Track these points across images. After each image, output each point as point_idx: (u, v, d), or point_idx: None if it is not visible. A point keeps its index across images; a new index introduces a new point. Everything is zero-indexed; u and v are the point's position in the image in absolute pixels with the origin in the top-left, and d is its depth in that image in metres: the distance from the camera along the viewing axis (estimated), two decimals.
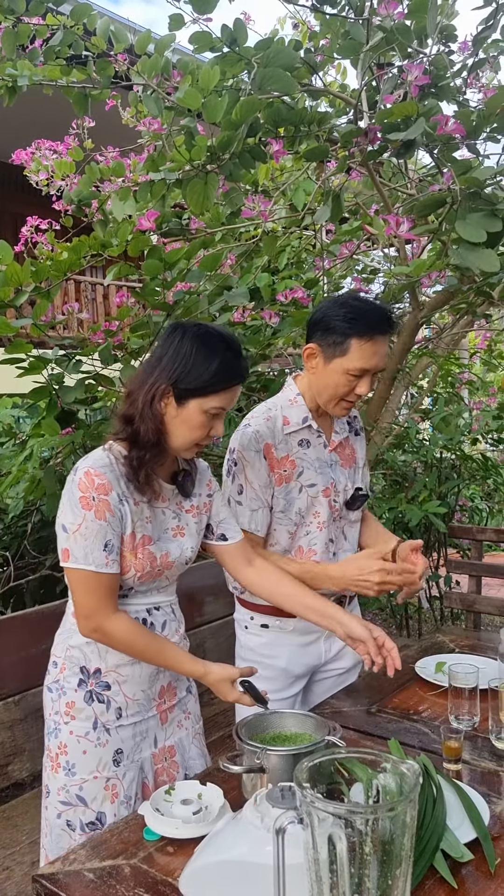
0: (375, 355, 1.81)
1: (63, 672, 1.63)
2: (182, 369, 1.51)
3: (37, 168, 3.52)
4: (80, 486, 1.50)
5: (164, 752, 1.70)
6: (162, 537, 1.64)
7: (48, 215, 3.50)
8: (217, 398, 1.53)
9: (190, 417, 1.53)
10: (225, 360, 1.52)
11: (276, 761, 1.36)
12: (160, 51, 2.74)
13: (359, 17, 2.58)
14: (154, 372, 1.54)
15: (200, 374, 1.50)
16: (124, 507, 1.54)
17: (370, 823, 0.93)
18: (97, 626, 1.53)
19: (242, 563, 1.81)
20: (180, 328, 1.56)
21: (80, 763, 1.59)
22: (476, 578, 3.12)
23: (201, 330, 1.54)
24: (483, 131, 2.44)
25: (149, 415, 1.52)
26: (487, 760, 1.61)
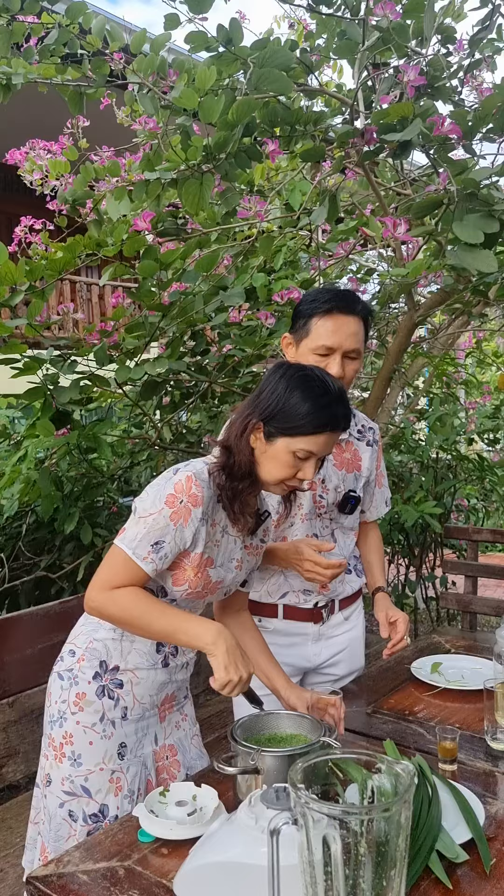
0: (337, 332, 1.84)
1: (81, 662, 1.63)
2: (274, 407, 1.51)
3: (31, 168, 3.51)
4: (176, 485, 1.51)
5: (165, 751, 1.71)
6: (225, 564, 1.64)
7: (42, 215, 3.49)
8: (305, 441, 1.51)
9: (277, 455, 1.53)
10: (318, 404, 1.50)
11: (270, 762, 1.36)
12: (156, 50, 2.73)
13: (355, 17, 2.58)
14: (251, 406, 1.56)
15: (290, 415, 1.50)
16: (203, 526, 1.54)
17: (365, 824, 0.93)
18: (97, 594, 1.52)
19: (234, 608, 1.83)
20: (284, 366, 1.57)
21: (86, 754, 1.59)
22: (472, 579, 3.12)
23: (302, 371, 1.54)
24: (479, 132, 2.44)
25: (242, 447, 1.54)
26: (483, 761, 1.60)
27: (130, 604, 1.51)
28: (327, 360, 1.86)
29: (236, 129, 2.33)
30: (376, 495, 2.16)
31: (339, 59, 3.30)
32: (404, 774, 0.98)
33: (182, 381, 3.79)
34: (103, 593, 1.52)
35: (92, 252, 3.11)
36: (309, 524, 1.98)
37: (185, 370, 3.46)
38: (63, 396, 3.05)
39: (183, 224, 3.32)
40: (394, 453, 4.34)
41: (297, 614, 2.02)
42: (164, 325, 3.14)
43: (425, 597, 4.75)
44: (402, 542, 4.40)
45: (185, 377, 3.69)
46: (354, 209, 3.80)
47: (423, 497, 3.86)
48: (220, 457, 1.57)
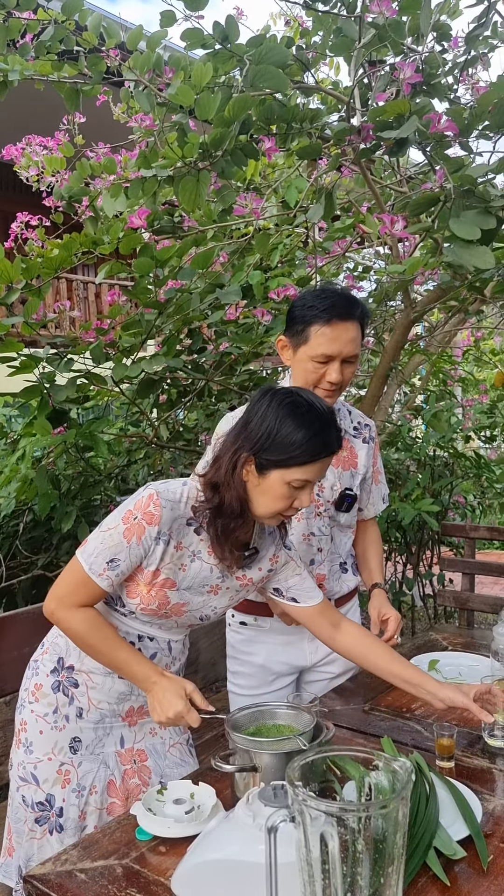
0: (336, 340, 1.81)
1: (44, 655, 1.68)
2: (265, 439, 1.44)
3: (27, 164, 3.50)
4: (137, 501, 1.50)
5: (133, 755, 1.67)
6: (192, 588, 1.58)
7: (38, 212, 3.48)
8: (300, 471, 1.45)
9: (271, 488, 1.46)
10: (312, 432, 1.44)
11: (268, 760, 1.36)
12: (152, 47, 2.73)
13: (351, 14, 2.58)
14: (238, 439, 1.48)
15: (283, 446, 1.43)
16: (158, 545, 1.50)
17: (362, 821, 0.93)
18: (56, 608, 1.53)
19: (327, 627, 1.71)
20: (270, 393, 1.49)
21: (36, 742, 1.62)
22: (469, 576, 3.12)
23: (290, 399, 1.46)
24: (475, 129, 2.44)
25: (231, 482, 1.47)
26: (480, 758, 1.61)
27: (85, 632, 1.52)
28: (326, 367, 1.85)
29: (233, 126, 2.33)
30: (373, 492, 2.16)
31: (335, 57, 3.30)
32: (402, 771, 0.98)
33: (179, 380, 3.78)
34: (62, 610, 1.52)
35: (88, 250, 3.10)
36: (306, 523, 1.98)
37: (182, 368, 3.46)
38: (60, 395, 3.04)
39: (179, 221, 3.31)
40: (391, 451, 4.35)
41: None
42: (160, 322, 3.14)
43: (423, 594, 4.75)
44: (399, 539, 4.41)
45: (182, 375, 3.69)
46: (351, 207, 3.80)
47: (421, 494, 3.86)
48: (207, 494, 1.51)
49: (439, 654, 2.16)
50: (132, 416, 4.22)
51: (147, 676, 1.51)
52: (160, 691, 1.49)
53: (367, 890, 0.95)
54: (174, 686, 1.50)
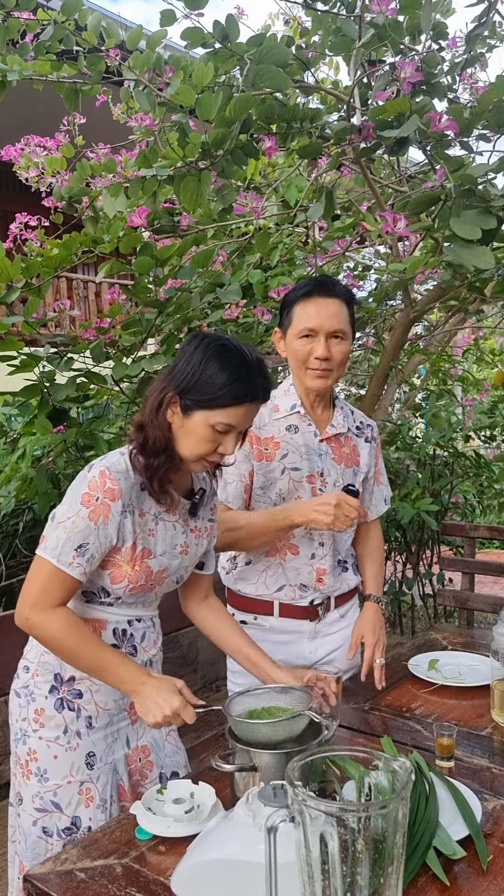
0: (318, 314, 1.87)
1: (35, 678, 1.59)
2: (190, 379, 1.46)
3: (26, 164, 3.50)
4: (90, 483, 1.47)
5: (138, 752, 1.66)
6: (168, 552, 1.60)
7: (38, 212, 3.48)
8: (223, 413, 1.46)
9: (195, 430, 1.48)
10: (236, 375, 1.45)
11: (268, 760, 1.36)
12: (152, 46, 2.73)
13: (350, 14, 2.58)
14: (165, 379, 1.51)
15: (207, 387, 1.45)
16: (126, 519, 1.50)
17: (362, 821, 0.93)
18: (31, 613, 1.46)
19: (200, 595, 1.82)
20: (199, 337, 1.51)
21: (52, 768, 1.55)
22: (469, 576, 3.12)
23: (218, 342, 1.48)
24: (475, 128, 2.44)
25: (156, 421, 1.49)
26: (480, 757, 1.61)
27: (63, 633, 1.45)
28: (312, 343, 1.89)
29: (234, 126, 2.33)
30: (375, 493, 2.16)
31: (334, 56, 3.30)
32: (401, 771, 0.98)
33: None
34: (37, 614, 1.46)
35: (88, 249, 3.10)
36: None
37: None
38: (59, 394, 3.04)
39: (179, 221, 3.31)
40: (390, 450, 4.35)
41: (292, 612, 2.02)
42: (160, 321, 3.13)
43: (422, 594, 4.75)
44: (399, 539, 4.41)
45: None
46: (351, 206, 3.79)
47: (420, 494, 3.86)
48: (136, 437, 1.52)
49: (439, 654, 2.16)
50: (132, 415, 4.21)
51: (134, 676, 1.47)
52: (152, 690, 1.45)
53: (367, 890, 0.95)
54: (165, 683, 1.47)
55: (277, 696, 1.55)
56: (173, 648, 2.86)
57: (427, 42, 2.60)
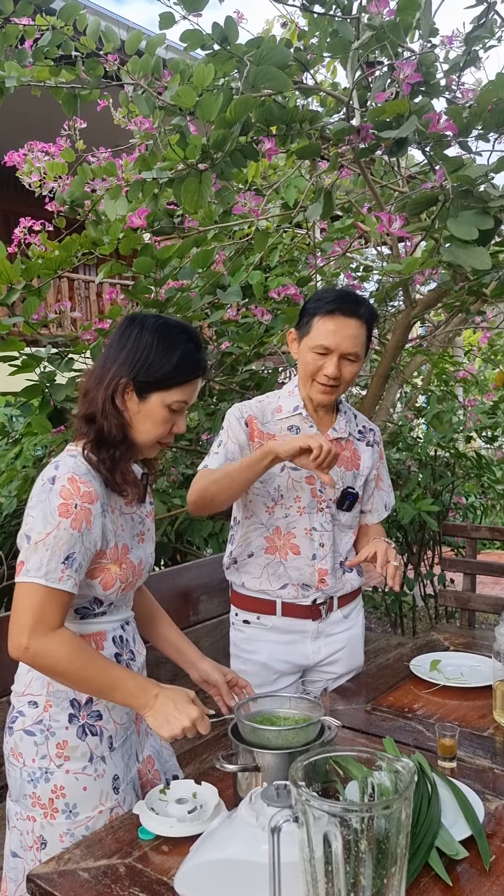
0: (336, 334, 1.86)
1: (48, 710, 1.48)
2: (143, 362, 1.45)
3: (29, 169, 3.52)
4: (62, 492, 1.40)
5: (147, 764, 1.63)
6: (131, 544, 1.56)
7: (41, 215, 3.49)
8: (179, 391, 1.48)
9: (152, 412, 1.47)
10: (186, 352, 1.47)
11: (270, 760, 1.36)
12: (151, 50, 2.73)
13: (346, 16, 2.58)
14: (113, 366, 1.47)
15: (162, 367, 1.45)
16: (106, 518, 1.46)
17: (365, 822, 0.93)
18: (30, 641, 1.36)
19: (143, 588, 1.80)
20: (139, 320, 1.49)
21: (82, 801, 1.47)
22: (471, 576, 3.12)
23: (160, 321, 1.49)
24: (474, 128, 2.44)
25: (111, 411, 1.45)
26: (482, 758, 1.61)
27: (68, 657, 1.38)
28: (324, 360, 1.88)
29: (234, 127, 2.33)
30: (375, 497, 2.16)
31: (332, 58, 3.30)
32: (404, 772, 0.98)
33: None
34: (37, 639, 1.36)
35: (88, 250, 3.11)
36: (308, 518, 1.99)
37: None
38: (60, 394, 3.05)
39: (179, 222, 3.32)
40: (391, 450, 4.35)
41: (295, 611, 2.02)
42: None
43: (423, 594, 4.76)
44: (400, 539, 4.41)
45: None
46: (351, 207, 3.80)
47: (421, 494, 3.86)
48: (83, 429, 1.48)
49: (441, 655, 2.16)
50: None
51: (146, 689, 1.41)
52: (167, 703, 1.40)
53: (370, 890, 0.95)
54: (180, 694, 1.42)
55: (282, 702, 1.55)
56: None
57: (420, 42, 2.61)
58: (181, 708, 1.40)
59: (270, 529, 2.01)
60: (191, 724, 1.39)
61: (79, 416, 1.50)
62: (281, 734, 1.40)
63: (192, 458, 4.35)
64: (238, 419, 1.99)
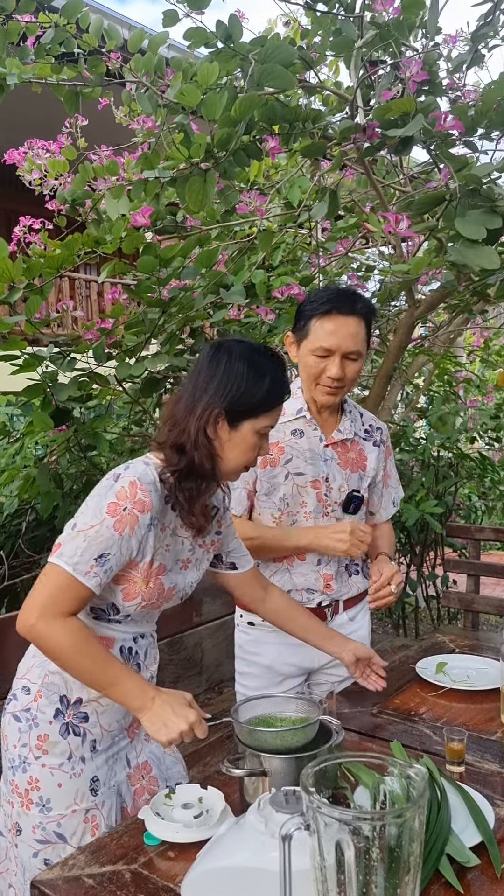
0: (335, 334, 1.83)
1: (38, 700, 1.50)
2: (235, 392, 1.46)
3: (30, 167, 3.49)
4: (118, 493, 1.42)
5: (140, 770, 1.61)
6: (173, 568, 1.56)
7: (41, 214, 3.47)
8: (268, 417, 1.51)
9: (244, 440, 1.50)
10: (275, 377, 1.49)
11: (278, 764, 1.34)
12: (153, 48, 2.72)
13: (350, 15, 2.57)
14: (205, 396, 1.47)
15: (254, 395, 1.47)
16: (151, 532, 1.46)
17: (377, 830, 0.91)
18: (37, 620, 1.37)
19: (259, 590, 1.81)
20: (225, 348, 1.50)
21: (55, 797, 1.48)
22: (474, 578, 3.11)
23: (247, 348, 1.50)
24: (480, 127, 2.43)
25: (203, 442, 1.46)
26: (490, 762, 1.59)
27: (72, 645, 1.38)
28: (326, 362, 1.86)
29: (239, 126, 2.31)
30: (384, 496, 2.15)
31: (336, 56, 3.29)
32: (417, 778, 0.96)
33: (181, 378, 3.77)
34: (44, 621, 1.37)
35: (91, 250, 3.09)
36: (314, 522, 1.97)
37: (186, 367, 3.44)
38: (62, 393, 3.03)
39: (182, 221, 3.30)
40: (394, 451, 4.34)
41: None
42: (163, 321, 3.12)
43: (426, 595, 4.74)
44: (402, 540, 4.39)
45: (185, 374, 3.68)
46: (354, 206, 3.78)
47: (425, 496, 3.85)
48: (173, 459, 1.47)
49: (447, 657, 2.15)
50: (135, 415, 4.21)
51: (143, 691, 1.40)
52: (164, 706, 1.39)
53: None
54: (176, 698, 1.41)
55: (282, 703, 1.53)
56: (178, 650, 2.84)
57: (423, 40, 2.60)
58: (178, 712, 1.39)
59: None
60: (188, 728, 1.38)
61: (168, 446, 1.49)
62: (279, 735, 1.39)
63: None
64: None
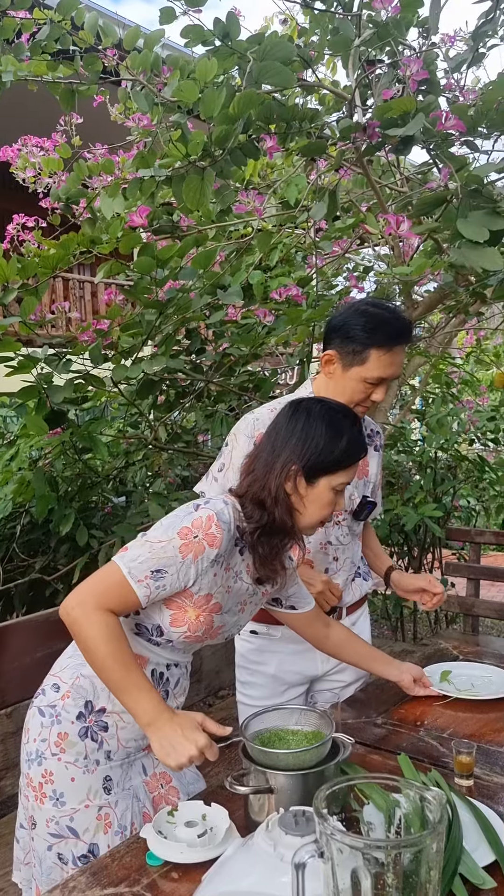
0: (393, 364, 1.81)
1: (65, 699, 1.52)
2: (314, 450, 1.49)
3: (23, 165, 3.45)
4: (194, 521, 1.44)
5: (158, 779, 1.60)
6: (231, 610, 1.57)
7: (34, 210, 3.43)
8: (344, 474, 1.52)
9: (320, 496, 1.51)
10: (352, 436, 1.52)
11: (284, 781, 1.31)
12: (150, 46, 2.68)
13: (348, 13, 2.54)
14: (283, 453, 1.50)
15: (331, 452, 1.49)
16: (212, 569, 1.46)
17: (392, 857, 0.88)
18: (77, 605, 1.39)
19: (321, 628, 1.82)
20: (304, 407, 1.54)
21: (69, 791, 1.49)
22: (474, 581, 3.08)
23: (326, 408, 1.54)
24: (480, 127, 2.40)
25: (283, 497, 1.49)
26: (499, 775, 1.55)
27: (103, 638, 1.38)
28: (375, 388, 1.84)
29: (237, 124, 2.28)
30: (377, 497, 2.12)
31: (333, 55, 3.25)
32: (435, 802, 0.93)
33: (178, 381, 3.74)
34: (83, 608, 1.39)
35: (86, 250, 3.05)
36: (324, 532, 1.94)
37: (182, 369, 3.41)
38: (57, 396, 2.99)
39: (177, 221, 3.26)
40: (390, 453, 4.31)
41: None
42: (160, 323, 3.09)
43: None
44: (401, 543, 4.37)
45: (181, 376, 3.64)
46: (351, 207, 3.75)
47: (423, 499, 3.82)
48: (255, 514, 1.50)
49: (450, 665, 2.12)
50: (130, 417, 4.17)
51: (156, 708, 1.38)
52: (175, 728, 1.36)
53: None
54: (188, 720, 1.38)
55: (290, 715, 1.50)
56: None
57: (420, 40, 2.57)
58: (189, 735, 1.36)
59: None
60: (198, 753, 1.35)
61: (249, 499, 1.52)
62: (293, 756, 1.35)
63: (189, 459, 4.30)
64: (248, 437, 1.87)
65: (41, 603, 3.82)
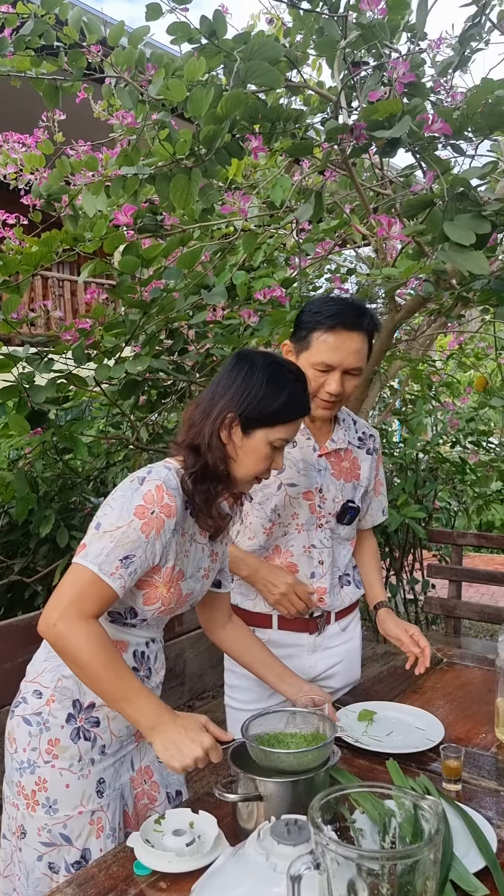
0: (338, 350, 1.77)
1: (51, 704, 1.49)
2: (251, 399, 1.49)
3: (4, 161, 3.41)
4: (145, 496, 1.42)
5: (142, 774, 1.60)
6: (194, 575, 1.57)
7: (16, 210, 3.39)
8: (283, 430, 1.52)
9: (255, 448, 1.51)
10: (293, 392, 1.52)
11: (273, 788, 1.29)
12: (134, 43, 2.65)
13: (334, 14, 2.53)
14: (221, 401, 1.50)
15: (269, 405, 1.49)
16: (173, 538, 1.47)
17: (387, 868, 0.87)
18: (59, 620, 1.34)
19: (223, 617, 1.79)
20: (248, 358, 1.53)
21: (62, 798, 1.47)
22: (456, 583, 3.09)
23: (270, 360, 1.53)
24: (466, 130, 2.40)
25: (216, 444, 1.49)
26: (487, 779, 1.55)
27: (92, 649, 1.34)
28: (326, 377, 1.80)
29: (224, 123, 2.26)
30: (373, 504, 2.11)
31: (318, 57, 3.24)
32: (431, 812, 0.92)
33: (160, 381, 3.71)
34: (65, 622, 1.34)
35: (69, 247, 3.02)
36: (306, 534, 1.92)
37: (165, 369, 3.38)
38: (38, 395, 2.95)
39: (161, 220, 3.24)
40: None
41: (291, 624, 1.96)
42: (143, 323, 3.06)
43: (405, 599, 4.72)
44: (382, 544, 4.37)
45: (164, 376, 3.61)
46: (334, 208, 3.75)
47: (406, 500, 3.82)
48: (188, 459, 1.50)
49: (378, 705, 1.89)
50: (112, 417, 4.14)
51: (158, 712, 1.36)
52: (178, 730, 1.34)
53: None
54: (191, 721, 1.37)
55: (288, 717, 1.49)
56: None
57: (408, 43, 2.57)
58: (193, 737, 1.34)
59: (269, 550, 1.95)
60: (203, 754, 1.33)
61: (184, 446, 1.52)
62: (295, 756, 1.34)
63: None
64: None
65: (20, 605, 3.77)
